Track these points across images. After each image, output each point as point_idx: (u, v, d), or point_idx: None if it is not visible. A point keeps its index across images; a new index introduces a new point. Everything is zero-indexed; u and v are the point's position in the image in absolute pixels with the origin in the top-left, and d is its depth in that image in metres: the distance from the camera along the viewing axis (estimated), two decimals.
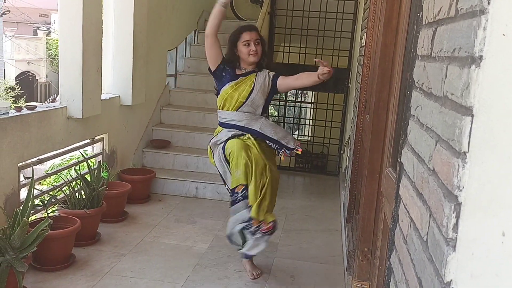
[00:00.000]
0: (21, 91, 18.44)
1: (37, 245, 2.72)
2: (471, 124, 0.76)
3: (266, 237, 2.98)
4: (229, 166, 3.04)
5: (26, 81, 20.59)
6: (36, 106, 3.36)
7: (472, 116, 0.75)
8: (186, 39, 6.34)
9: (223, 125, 3.10)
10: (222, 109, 3.08)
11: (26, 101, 17.37)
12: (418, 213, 1.02)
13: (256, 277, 3.09)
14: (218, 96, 3.09)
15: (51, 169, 4.39)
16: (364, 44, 3.68)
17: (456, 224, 0.78)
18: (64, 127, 3.56)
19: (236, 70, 3.09)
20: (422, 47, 1.16)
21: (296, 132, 7.92)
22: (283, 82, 3.12)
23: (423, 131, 1.05)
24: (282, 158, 3.14)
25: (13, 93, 17.90)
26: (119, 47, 4.37)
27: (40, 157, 3.37)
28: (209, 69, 3.11)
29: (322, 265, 3.44)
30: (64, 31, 3.51)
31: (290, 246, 3.73)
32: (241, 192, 2.96)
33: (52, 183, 3.78)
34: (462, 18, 0.84)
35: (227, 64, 3.07)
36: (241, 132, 3.05)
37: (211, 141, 3.21)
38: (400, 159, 1.26)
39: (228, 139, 3.03)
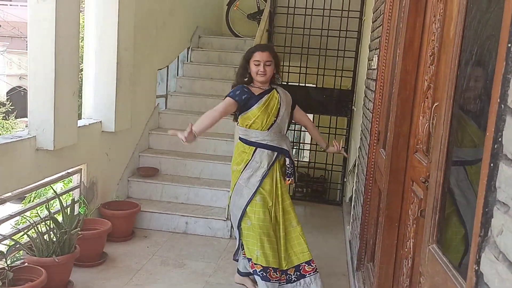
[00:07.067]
0: (12, 107, 17.96)
1: None
2: None
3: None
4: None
5: (17, 96, 20.10)
6: None
7: None
8: (178, 57, 5.92)
9: (254, 144, 3.05)
10: (250, 128, 3.04)
11: (16, 117, 16.90)
12: None
13: None
14: (245, 115, 3.04)
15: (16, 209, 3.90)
16: (375, 67, 3.27)
17: None
18: (33, 160, 3.10)
19: (253, 90, 3.06)
20: None
21: (296, 158, 7.47)
22: (298, 111, 3.26)
23: None
24: (287, 183, 3.15)
25: (3, 109, 17.41)
26: (101, 67, 3.93)
27: (2, 196, 2.90)
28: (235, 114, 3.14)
29: None
30: (34, 49, 3.07)
31: None
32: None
33: (16, 225, 3.30)
34: None
35: (242, 93, 3.02)
36: (273, 157, 3.06)
37: (245, 166, 3.09)
38: (479, 266, 0.82)
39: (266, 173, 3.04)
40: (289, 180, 3.11)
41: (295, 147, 7.48)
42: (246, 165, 3.04)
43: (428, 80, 2.05)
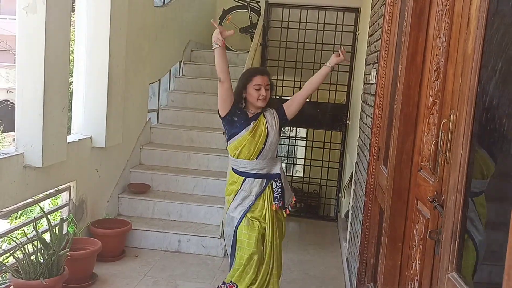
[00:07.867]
0: None
1: None
2: None
3: None
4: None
5: (5, 110, 19.83)
6: None
7: None
8: (170, 71, 5.84)
9: (243, 174, 2.91)
10: (238, 158, 2.90)
11: (3, 131, 16.64)
12: None
13: None
14: (232, 143, 2.90)
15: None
16: (374, 82, 3.21)
17: None
18: (20, 178, 2.97)
19: (248, 113, 2.92)
20: None
21: (290, 173, 7.37)
22: (290, 104, 3.05)
23: None
24: (273, 207, 2.96)
25: None
26: (91, 83, 3.82)
27: None
28: (219, 113, 2.90)
29: None
30: (22, 63, 2.97)
31: None
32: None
33: (1, 245, 3.16)
34: None
35: (237, 107, 2.89)
36: (262, 185, 2.91)
37: (234, 196, 2.95)
38: None
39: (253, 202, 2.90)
40: (275, 205, 2.92)
41: (289, 162, 7.39)
42: (236, 195, 2.92)
43: (433, 96, 1.98)
